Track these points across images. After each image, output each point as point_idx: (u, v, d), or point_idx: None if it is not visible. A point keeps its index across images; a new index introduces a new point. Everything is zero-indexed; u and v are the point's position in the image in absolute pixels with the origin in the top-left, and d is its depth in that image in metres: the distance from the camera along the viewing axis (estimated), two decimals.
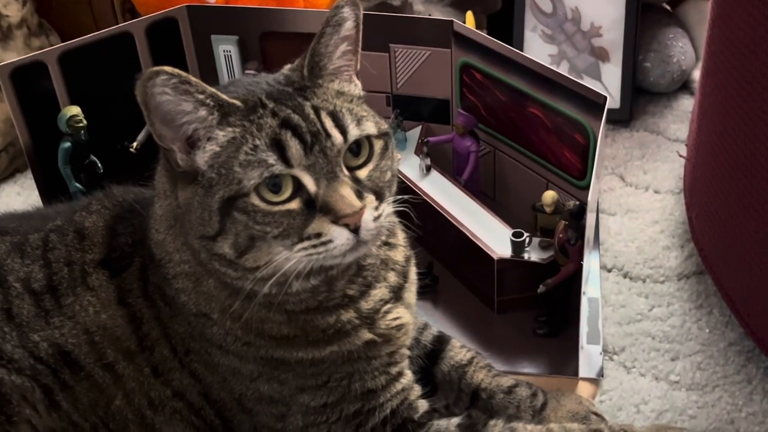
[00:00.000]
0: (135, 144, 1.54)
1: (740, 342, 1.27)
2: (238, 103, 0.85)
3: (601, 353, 1.26)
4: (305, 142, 0.84)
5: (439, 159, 1.49)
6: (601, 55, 1.77)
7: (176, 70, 0.81)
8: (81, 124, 1.45)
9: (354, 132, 0.87)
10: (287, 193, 0.84)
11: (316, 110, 0.87)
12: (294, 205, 0.85)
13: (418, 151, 1.48)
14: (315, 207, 0.85)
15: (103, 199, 1.03)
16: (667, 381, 1.23)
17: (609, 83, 1.77)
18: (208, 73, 1.59)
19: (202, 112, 0.84)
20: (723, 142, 1.18)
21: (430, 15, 1.76)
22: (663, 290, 1.38)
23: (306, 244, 0.85)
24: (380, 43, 1.47)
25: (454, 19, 1.44)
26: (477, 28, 1.44)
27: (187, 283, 0.93)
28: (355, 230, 0.85)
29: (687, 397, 1.20)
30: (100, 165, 1.50)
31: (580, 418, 1.10)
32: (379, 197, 0.89)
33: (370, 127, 0.89)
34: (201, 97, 0.83)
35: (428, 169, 1.46)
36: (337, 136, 0.86)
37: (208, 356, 0.96)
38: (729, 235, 1.21)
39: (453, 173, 1.49)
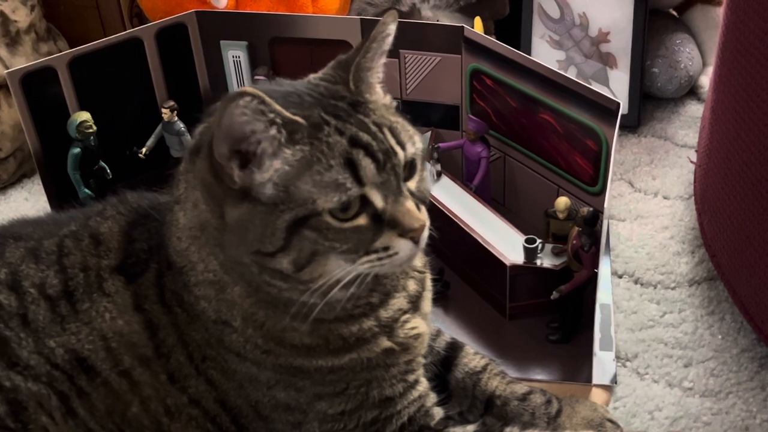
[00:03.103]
0: (144, 150, 1.54)
1: (753, 348, 1.27)
2: (301, 120, 0.84)
3: (614, 360, 1.26)
4: (378, 161, 0.85)
5: (448, 165, 1.48)
6: (609, 60, 1.77)
7: (257, 92, 0.80)
8: (91, 130, 1.45)
9: (411, 149, 0.89)
10: (354, 209, 0.85)
11: (379, 127, 0.87)
12: (362, 220, 0.85)
13: (428, 157, 1.48)
14: (381, 221, 0.86)
15: (117, 204, 1.02)
16: (680, 387, 1.22)
17: (617, 89, 1.77)
18: (217, 78, 1.59)
19: (273, 131, 0.82)
20: (737, 148, 1.18)
21: (438, 21, 1.76)
22: (674, 296, 1.37)
23: (373, 257, 0.86)
24: (390, 49, 1.46)
25: (465, 25, 1.44)
26: (485, 34, 1.44)
27: (209, 290, 0.93)
28: (416, 241, 0.87)
29: (701, 403, 1.20)
30: (109, 171, 1.50)
31: (595, 425, 1.09)
32: (425, 206, 0.91)
33: (418, 141, 0.91)
34: (272, 116, 0.82)
35: (439, 175, 1.46)
36: (400, 152, 0.87)
37: (225, 363, 0.95)
38: (743, 241, 1.21)
39: (463, 179, 1.49)
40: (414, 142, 0.90)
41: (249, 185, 0.85)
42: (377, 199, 0.85)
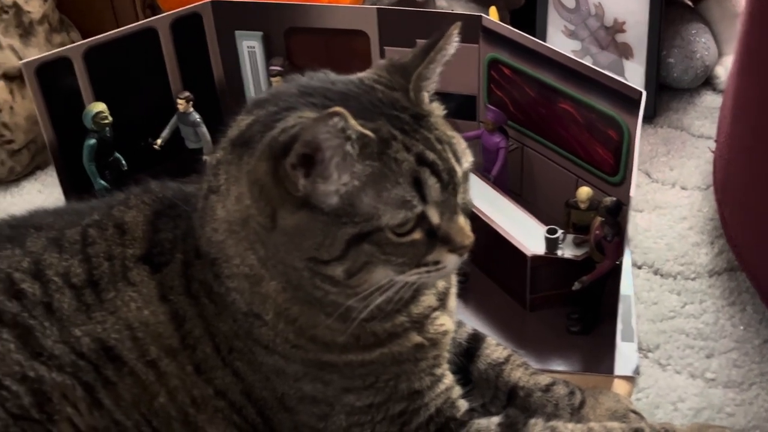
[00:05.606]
0: (159, 141, 1.53)
1: None
2: (371, 134, 0.83)
3: (636, 350, 1.25)
4: (442, 181, 0.85)
5: None
6: (625, 51, 1.76)
7: (345, 112, 0.79)
8: (106, 121, 1.44)
9: (465, 164, 0.89)
10: (411, 224, 0.85)
11: (441, 143, 0.87)
12: (417, 235, 0.86)
13: None
14: (435, 236, 0.87)
15: (141, 194, 1.01)
16: (703, 378, 1.22)
17: (633, 79, 1.75)
18: (232, 69, 1.58)
19: (348, 147, 0.81)
20: (761, 138, 1.17)
21: (452, 11, 1.75)
22: (695, 287, 1.37)
23: (422, 269, 0.87)
24: (406, 38, 1.45)
25: (482, 14, 1.43)
26: None
27: (243, 283, 0.91)
28: (462, 255, 0.89)
29: (724, 394, 1.19)
30: (124, 162, 1.49)
31: (619, 417, 1.08)
32: (469, 218, 0.91)
33: (470, 155, 0.91)
34: (349, 132, 0.81)
35: None
36: (458, 170, 0.87)
37: (252, 355, 0.94)
38: (767, 231, 1.20)
39: (481, 170, 1.48)
40: (468, 158, 0.90)
41: (310, 193, 0.83)
42: (434, 216, 0.86)
